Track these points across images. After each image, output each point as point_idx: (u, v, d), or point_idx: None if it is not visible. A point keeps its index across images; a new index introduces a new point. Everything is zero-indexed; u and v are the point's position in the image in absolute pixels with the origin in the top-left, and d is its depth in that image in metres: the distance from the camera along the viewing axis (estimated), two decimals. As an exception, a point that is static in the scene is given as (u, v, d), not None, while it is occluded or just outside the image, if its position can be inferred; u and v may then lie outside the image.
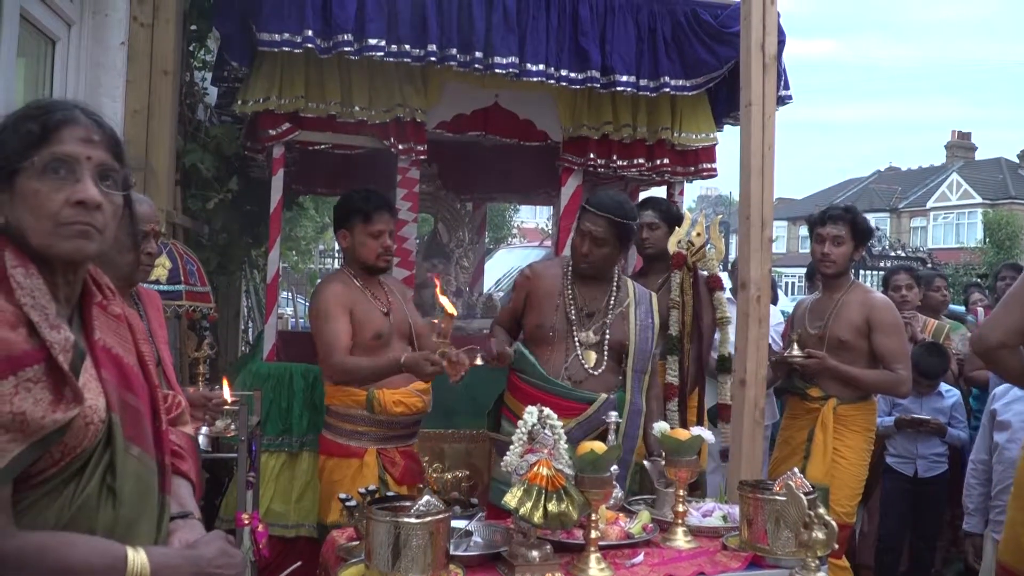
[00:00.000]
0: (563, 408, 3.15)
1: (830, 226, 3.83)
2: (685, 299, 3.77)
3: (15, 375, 1.22)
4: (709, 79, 4.50)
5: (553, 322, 3.27)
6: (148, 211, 2.58)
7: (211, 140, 4.73)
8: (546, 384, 3.23)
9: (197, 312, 3.60)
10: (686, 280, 3.75)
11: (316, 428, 4.23)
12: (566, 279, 3.34)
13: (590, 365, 3.26)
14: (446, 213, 6.19)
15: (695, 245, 3.76)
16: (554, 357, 3.27)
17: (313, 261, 12.94)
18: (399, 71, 4.37)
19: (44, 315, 1.28)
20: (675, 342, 3.79)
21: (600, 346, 3.28)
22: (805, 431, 3.79)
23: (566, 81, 4.27)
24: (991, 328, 2.66)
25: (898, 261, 15.70)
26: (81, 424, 1.29)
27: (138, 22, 3.88)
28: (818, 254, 3.87)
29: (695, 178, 4.96)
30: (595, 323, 3.31)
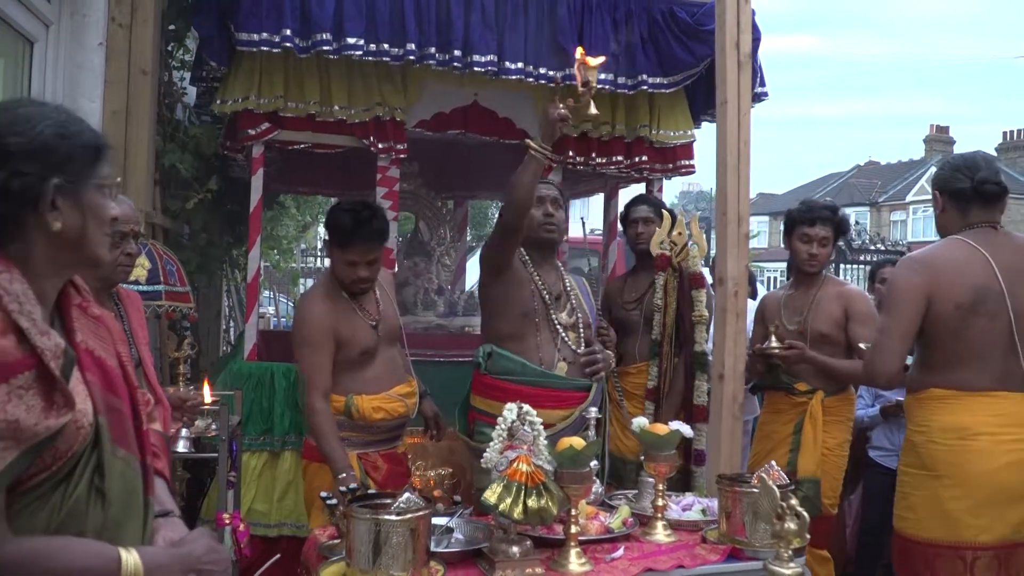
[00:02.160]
0: (564, 399, 3.19)
1: (819, 227, 3.84)
2: (668, 301, 3.80)
3: (7, 383, 1.24)
4: (686, 76, 4.54)
5: (533, 306, 3.26)
6: (128, 212, 2.58)
7: (190, 140, 4.72)
8: (541, 378, 3.20)
9: (177, 312, 3.61)
10: (670, 281, 3.79)
11: (298, 428, 4.25)
12: (528, 267, 3.32)
13: (576, 346, 3.29)
14: (427, 211, 6.20)
15: (677, 244, 3.80)
16: (542, 344, 3.25)
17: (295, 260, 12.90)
18: (378, 70, 4.38)
19: (32, 321, 1.29)
20: (655, 346, 3.83)
21: (576, 326, 3.32)
22: (790, 425, 3.82)
23: (545, 79, 4.30)
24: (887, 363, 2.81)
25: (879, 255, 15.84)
26: (72, 429, 1.32)
27: (116, 22, 3.86)
28: (804, 254, 3.88)
29: (674, 175, 4.99)
30: (563, 304, 3.34)
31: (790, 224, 3.95)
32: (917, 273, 2.81)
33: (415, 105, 4.58)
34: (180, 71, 5.11)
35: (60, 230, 1.36)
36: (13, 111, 1.35)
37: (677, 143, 4.83)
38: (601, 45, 4.32)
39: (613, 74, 4.39)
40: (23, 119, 1.34)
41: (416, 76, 4.49)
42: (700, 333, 3.78)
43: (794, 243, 3.92)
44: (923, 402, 2.84)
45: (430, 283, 5.68)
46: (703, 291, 3.79)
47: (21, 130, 1.32)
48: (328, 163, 5.61)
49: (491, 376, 3.24)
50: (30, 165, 1.32)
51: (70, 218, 1.37)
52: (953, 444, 2.72)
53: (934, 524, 2.72)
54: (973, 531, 2.65)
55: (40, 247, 1.36)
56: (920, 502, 2.77)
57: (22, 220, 1.34)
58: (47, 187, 1.33)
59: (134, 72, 3.94)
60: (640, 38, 4.43)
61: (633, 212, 4.25)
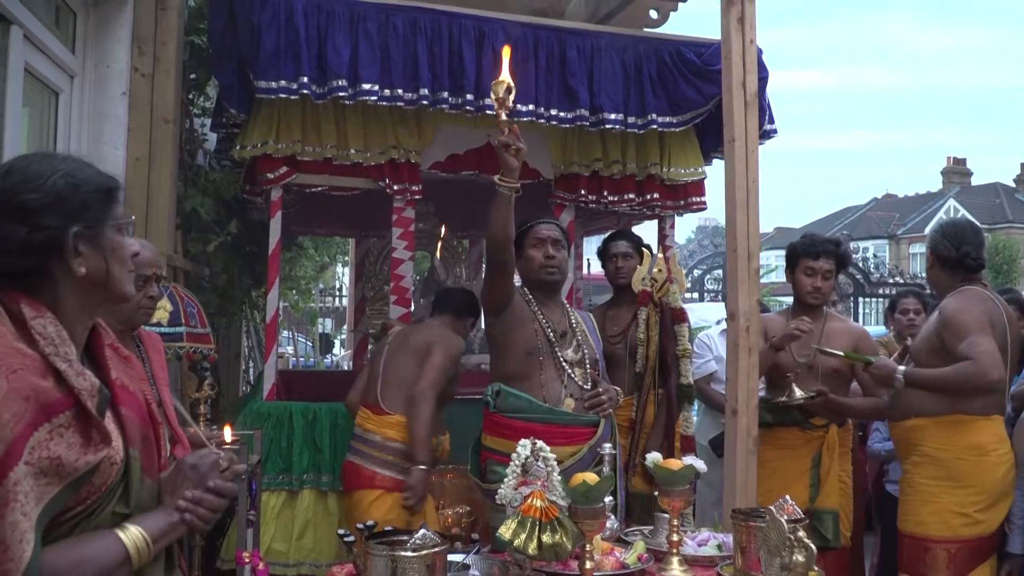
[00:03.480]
0: (573, 436, 3.21)
1: (823, 260, 3.88)
2: (650, 335, 3.84)
3: (49, 422, 1.29)
4: (695, 115, 4.61)
5: (536, 345, 3.29)
6: (150, 256, 2.65)
7: (211, 185, 4.82)
8: (549, 415, 3.22)
9: (198, 353, 3.67)
10: (652, 316, 3.83)
11: (316, 466, 4.28)
12: (531, 305, 3.36)
13: (584, 382, 3.31)
14: (443, 250, 6.27)
15: (658, 281, 3.84)
16: (548, 382, 3.28)
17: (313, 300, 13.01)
18: (393, 114, 4.47)
19: (68, 362, 1.35)
20: (639, 379, 3.86)
21: (583, 362, 3.34)
22: (806, 459, 3.82)
23: (556, 120, 4.38)
24: (995, 364, 3.20)
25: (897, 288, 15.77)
26: (107, 464, 1.38)
27: (139, 73, 3.98)
28: (809, 286, 3.91)
29: (685, 211, 5.04)
30: (569, 341, 3.36)
31: (793, 257, 3.98)
32: (977, 303, 3.35)
33: (429, 147, 4.67)
34: (201, 118, 5.23)
35: (85, 274, 1.42)
36: (25, 169, 1.42)
37: (688, 180, 4.88)
38: (611, 86, 4.41)
39: (623, 114, 4.46)
40: (35, 175, 1.41)
41: (430, 119, 4.58)
42: (685, 366, 3.81)
43: (798, 276, 3.94)
44: (946, 424, 3.37)
45: (446, 321, 5.72)
46: (685, 325, 3.83)
47: (35, 186, 1.39)
48: (345, 205, 5.69)
49: (500, 414, 3.27)
50: (49, 218, 1.39)
51: (93, 261, 1.43)
52: (975, 459, 3.33)
53: (958, 523, 3.29)
54: (983, 526, 3.31)
55: (68, 292, 1.42)
56: (945, 507, 3.32)
57: (49, 269, 1.41)
58: (67, 235, 1.40)
59: (156, 120, 4.05)
60: (649, 78, 4.50)
61: (612, 247, 4.33)
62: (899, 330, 5.12)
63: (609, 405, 3.28)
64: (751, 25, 3.62)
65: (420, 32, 4.13)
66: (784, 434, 3.88)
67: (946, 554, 3.29)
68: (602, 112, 4.41)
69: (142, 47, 3.99)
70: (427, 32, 4.13)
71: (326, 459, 4.28)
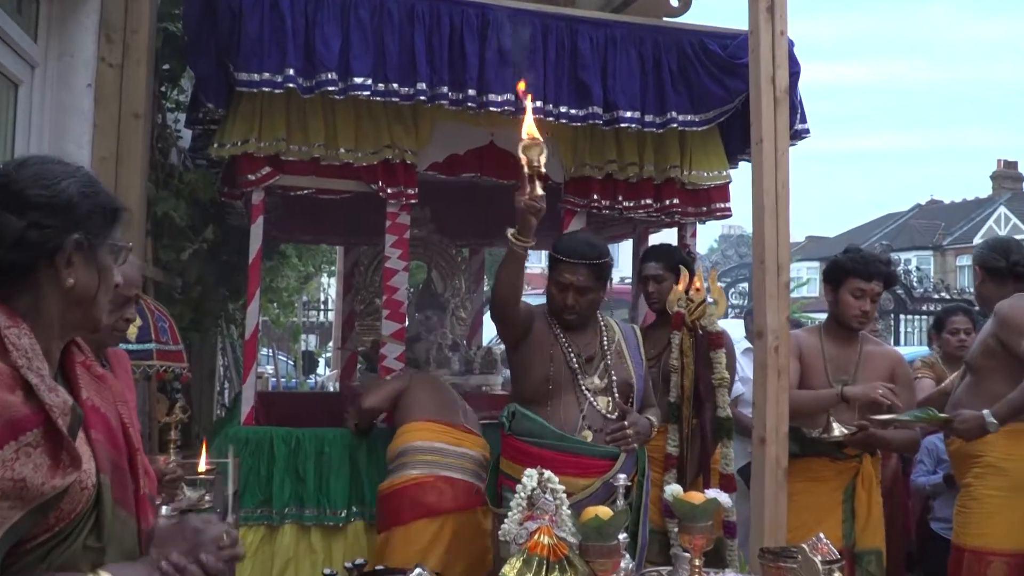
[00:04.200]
0: (587, 467, 3.25)
1: (875, 282, 3.90)
2: (685, 362, 3.85)
3: (15, 440, 1.31)
4: (720, 113, 4.63)
5: (550, 373, 3.35)
6: (134, 275, 2.66)
7: (185, 186, 4.83)
8: (562, 443, 3.28)
9: (169, 373, 3.68)
10: (686, 341, 3.85)
11: (299, 499, 4.28)
12: (554, 328, 3.45)
13: (607, 410, 3.36)
14: (440, 260, 6.29)
15: (694, 301, 3.86)
16: (565, 411, 3.34)
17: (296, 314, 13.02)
18: (387, 110, 4.49)
19: (41, 377, 1.38)
20: (674, 409, 3.87)
21: (609, 390, 3.39)
22: (838, 493, 3.84)
23: (566, 118, 4.40)
24: None
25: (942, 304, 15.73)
26: (76, 489, 1.39)
27: (106, 63, 3.98)
28: (856, 310, 3.91)
29: (708, 219, 5.05)
30: (596, 366, 3.41)
31: (839, 274, 3.96)
32: None
33: (427, 147, 4.68)
34: (174, 113, 5.25)
35: (72, 287, 1.46)
36: (38, 166, 1.49)
37: (711, 184, 4.89)
38: (626, 81, 4.43)
39: (640, 111, 4.48)
40: (48, 174, 1.47)
41: (428, 116, 4.60)
42: (722, 397, 3.81)
43: (843, 296, 3.93)
44: (1011, 434, 3.52)
45: (444, 338, 5.74)
46: (722, 351, 3.83)
47: (46, 184, 1.46)
48: (333, 209, 5.70)
49: (515, 437, 3.36)
50: (51, 218, 1.44)
51: (84, 276, 1.48)
52: None
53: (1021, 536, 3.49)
54: None
55: (49, 303, 1.46)
56: (1009, 519, 3.50)
57: (35, 272, 1.45)
58: (66, 241, 1.45)
59: (125, 115, 4.05)
60: (669, 73, 4.53)
61: (644, 269, 4.35)
62: (948, 351, 5.10)
63: (635, 439, 3.31)
64: (781, 15, 3.65)
65: (417, 20, 4.15)
66: (813, 465, 3.90)
67: (1006, 567, 3.47)
68: (617, 109, 4.43)
69: (110, 35, 3.99)
70: (425, 21, 4.16)
71: (310, 491, 4.28)
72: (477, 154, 4.82)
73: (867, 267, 3.90)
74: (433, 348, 5.64)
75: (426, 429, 4.02)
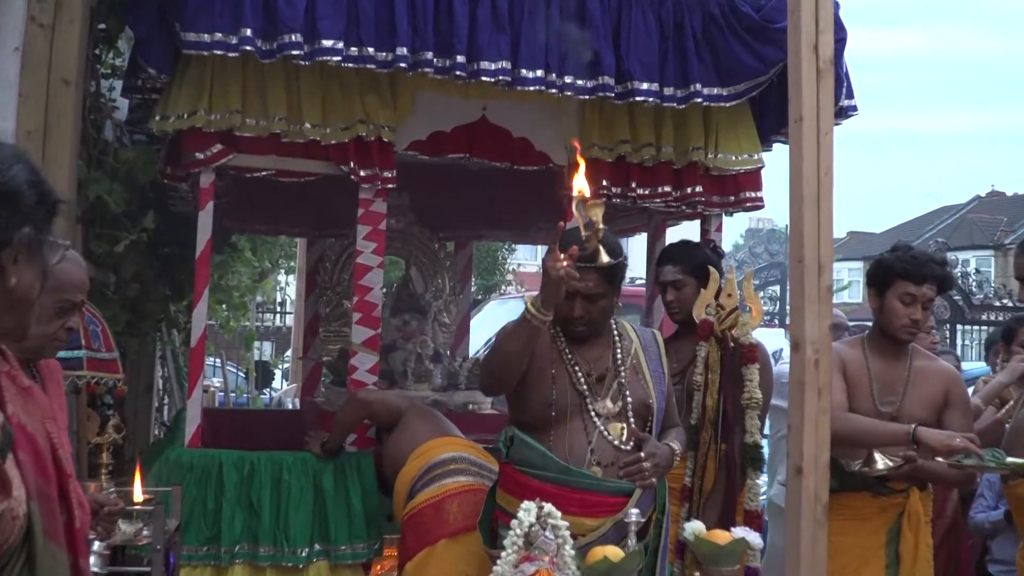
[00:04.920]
0: (595, 505, 3.25)
1: (928, 286, 3.88)
2: (710, 378, 3.85)
3: None
4: (751, 86, 4.64)
5: (553, 398, 3.35)
6: (81, 277, 2.64)
7: (121, 166, 4.80)
8: (566, 477, 3.27)
9: (101, 385, 3.67)
10: (713, 354, 3.85)
11: (252, 535, 4.28)
12: (558, 342, 3.44)
13: (620, 439, 3.35)
14: (421, 255, 6.28)
15: (725, 309, 3.85)
16: (571, 440, 3.34)
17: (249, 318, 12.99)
18: (361, 79, 4.48)
19: None
20: (694, 434, 3.87)
21: (624, 414, 3.39)
22: (880, 533, 3.85)
23: (571, 90, 4.40)
24: None
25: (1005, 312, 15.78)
26: (8, 518, 1.38)
27: (36, 23, 3.94)
28: (906, 319, 3.89)
29: (736, 210, 5.06)
30: (609, 387, 3.40)
31: (886, 277, 3.96)
32: None
33: (407, 122, 4.68)
34: (110, 80, 5.23)
35: (13, 288, 1.46)
36: None
37: (740, 170, 4.90)
38: (642, 48, 4.42)
39: (659, 83, 4.48)
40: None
41: (409, 87, 4.59)
42: (752, 420, 3.82)
43: (890, 302, 3.93)
44: None
45: (424, 347, 5.73)
46: (755, 367, 3.83)
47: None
48: (295, 195, 5.70)
49: (513, 467, 3.36)
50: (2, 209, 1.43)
51: (27, 276, 1.47)
52: None
53: None
54: None
55: None
56: None
57: None
58: (17, 235, 1.45)
59: (55, 82, 4.01)
60: (693, 38, 4.53)
61: (660, 274, 4.35)
62: None
63: (653, 473, 3.29)
64: (826, -30, 3.65)
65: (397, -26, 4.15)
66: (852, 501, 3.90)
67: None
68: (631, 80, 4.43)
69: (43, -11, 3.99)
70: (406, -26, 4.16)
71: (265, 526, 4.28)
72: (466, 131, 4.82)
73: (919, 268, 3.88)
74: (411, 359, 5.62)
75: (455, 443, 4.14)
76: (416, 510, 3.98)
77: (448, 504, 3.92)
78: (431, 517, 3.93)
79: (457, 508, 3.90)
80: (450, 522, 3.88)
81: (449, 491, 3.96)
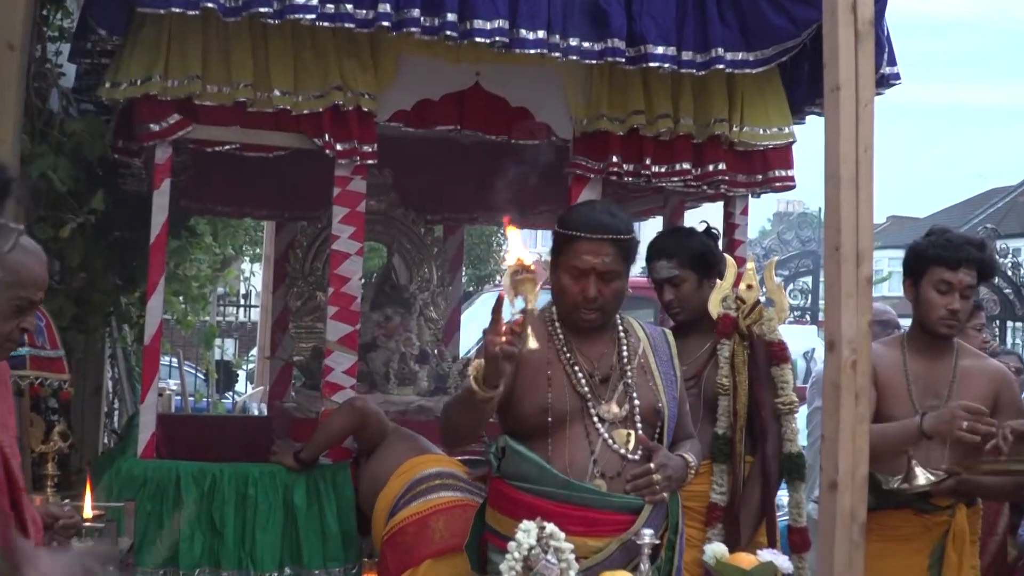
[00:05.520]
0: (598, 524, 3.24)
1: (964, 271, 3.90)
2: (738, 380, 3.86)
3: None
4: (782, 50, 4.62)
5: (550, 403, 3.34)
6: (41, 273, 2.63)
7: (68, 139, 4.80)
8: (566, 491, 3.25)
9: (46, 387, 3.67)
10: (739, 353, 3.85)
11: (214, 556, 4.29)
12: (556, 339, 3.43)
13: (626, 448, 3.34)
14: (405, 241, 6.28)
15: (746, 302, 3.85)
16: (572, 450, 3.32)
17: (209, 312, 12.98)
18: (337, 40, 4.48)
19: None
20: (723, 444, 3.87)
21: (631, 419, 3.37)
22: (923, 555, 3.87)
23: (577, 53, 4.39)
24: None
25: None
26: None
27: (-21, -20, 3.97)
28: (943, 309, 3.91)
29: (764, 190, 5.06)
30: (614, 388, 3.40)
31: (919, 264, 4.00)
32: None
33: (389, 89, 4.67)
34: (57, 43, 5.22)
35: None
36: None
37: (768, 145, 4.89)
38: (658, 6, 4.41)
39: (676, 47, 4.47)
40: None
41: (392, 49, 4.59)
42: (790, 426, 3.84)
43: (926, 292, 3.96)
44: None
45: (409, 345, 5.73)
46: (787, 367, 3.86)
47: None
48: (263, 172, 5.69)
49: (505, 481, 3.33)
50: None
51: None
52: None
53: None
54: None
55: None
56: None
57: None
58: None
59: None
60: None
61: (652, 270, 4.30)
62: None
63: (664, 487, 3.28)
64: (866, -80, 3.65)
65: (380, -80, 4.15)
66: (892, 520, 3.93)
67: None
68: (644, 43, 4.42)
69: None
70: (390, -79, 4.16)
71: (228, 547, 4.29)
72: (457, 100, 4.83)
73: (954, 252, 3.91)
74: (394, 359, 5.63)
75: (438, 460, 4.20)
76: (397, 528, 3.99)
77: (433, 521, 3.94)
78: (414, 535, 3.95)
79: (444, 525, 3.91)
80: (435, 540, 3.91)
81: (435, 507, 3.98)
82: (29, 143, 4.59)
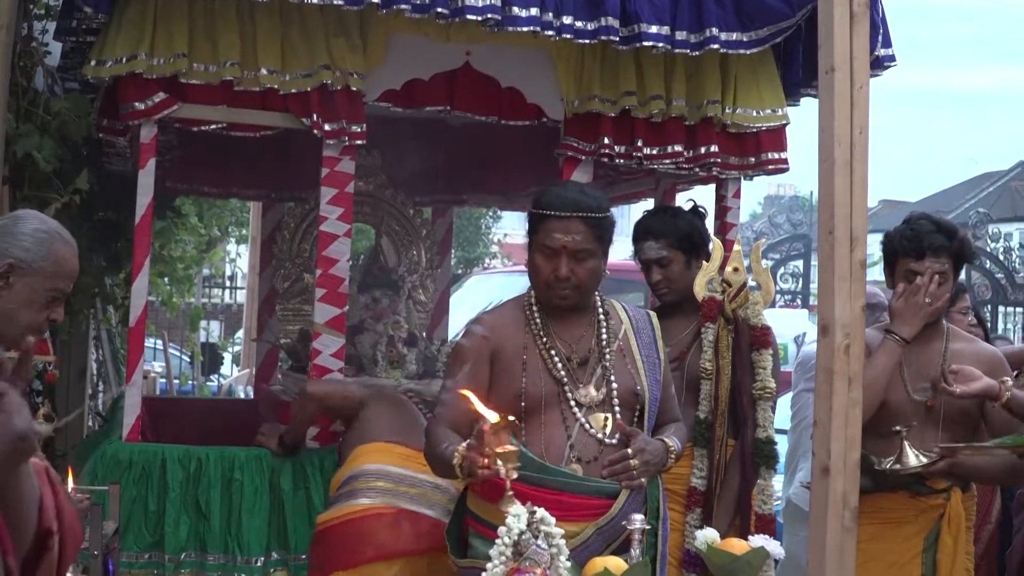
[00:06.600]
0: (574, 508, 3.22)
1: (930, 259, 3.89)
2: (721, 364, 3.86)
3: None
4: (776, 31, 4.62)
5: (524, 388, 3.33)
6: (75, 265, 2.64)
7: (53, 118, 4.78)
8: (544, 476, 3.24)
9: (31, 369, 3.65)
10: (723, 338, 3.85)
11: (200, 541, 4.29)
12: (532, 323, 3.42)
13: (603, 432, 3.34)
14: (393, 223, 6.26)
15: (732, 285, 3.85)
16: (548, 434, 3.32)
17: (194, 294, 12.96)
18: (326, 18, 4.47)
19: None
20: (704, 428, 3.88)
21: (608, 403, 3.37)
22: (918, 539, 3.88)
23: (570, 33, 4.37)
24: None
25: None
26: None
27: (-34, -43, 3.94)
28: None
29: (757, 173, 5.08)
30: (592, 372, 3.39)
31: (889, 254, 4.01)
32: None
33: (378, 69, 4.66)
34: (43, 22, 5.19)
35: None
36: None
37: (762, 127, 4.90)
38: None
39: (670, 26, 4.47)
40: None
41: (381, 27, 4.58)
42: (764, 412, 3.84)
43: (898, 283, 3.96)
44: None
45: (397, 329, 5.71)
46: (768, 353, 3.86)
47: None
48: (249, 152, 5.67)
49: None
50: None
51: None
52: None
53: None
54: None
55: None
56: None
57: None
58: None
59: (-16, 25, 4.01)
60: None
61: (640, 250, 4.30)
62: None
63: (642, 472, 3.28)
64: None
65: None
66: (887, 503, 3.92)
67: None
68: (638, 23, 4.41)
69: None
70: None
71: (214, 530, 4.30)
72: (447, 79, 4.81)
73: (917, 242, 3.89)
74: (382, 342, 5.61)
75: (385, 451, 4.04)
76: (327, 526, 3.97)
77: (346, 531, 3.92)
78: (326, 544, 3.95)
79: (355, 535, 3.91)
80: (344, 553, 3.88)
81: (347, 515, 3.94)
82: (14, 122, 4.57)
